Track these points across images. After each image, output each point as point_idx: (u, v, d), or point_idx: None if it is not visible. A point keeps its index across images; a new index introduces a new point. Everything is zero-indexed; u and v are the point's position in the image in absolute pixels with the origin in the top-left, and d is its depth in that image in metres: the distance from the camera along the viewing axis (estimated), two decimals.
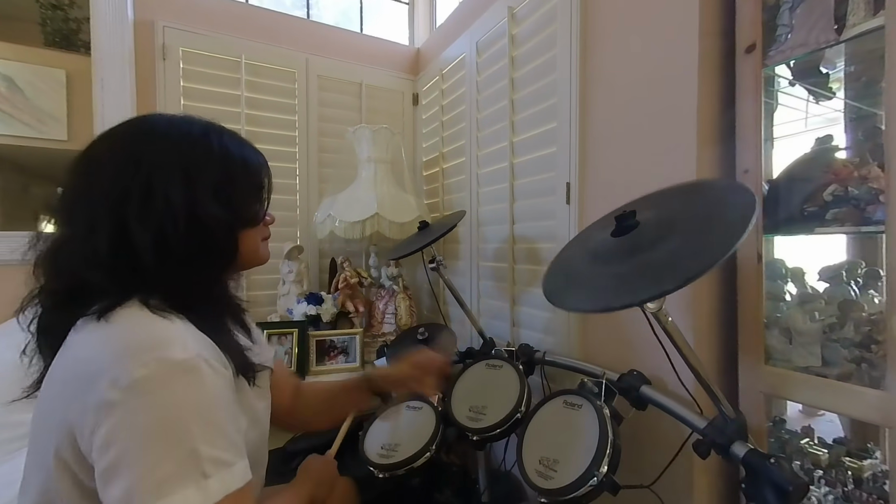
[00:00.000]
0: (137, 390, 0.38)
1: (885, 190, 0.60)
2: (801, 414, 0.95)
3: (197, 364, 0.42)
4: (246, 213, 0.56)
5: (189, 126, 0.52)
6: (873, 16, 0.62)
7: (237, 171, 0.54)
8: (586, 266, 0.56)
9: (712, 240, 0.42)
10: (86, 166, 0.50)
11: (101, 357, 0.41)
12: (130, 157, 0.48)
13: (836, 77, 0.88)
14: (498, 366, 0.95)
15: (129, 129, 0.52)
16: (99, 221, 0.46)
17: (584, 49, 1.00)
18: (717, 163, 0.79)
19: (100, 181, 0.47)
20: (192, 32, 1.48)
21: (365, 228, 1.42)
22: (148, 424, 0.38)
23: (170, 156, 0.49)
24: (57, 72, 1.40)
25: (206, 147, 0.52)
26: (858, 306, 0.74)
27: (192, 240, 0.49)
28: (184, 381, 0.41)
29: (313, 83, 1.67)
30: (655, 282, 0.44)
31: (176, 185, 0.48)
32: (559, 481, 0.65)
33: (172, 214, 0.47)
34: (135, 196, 0.46)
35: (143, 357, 0.40)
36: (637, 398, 0.76)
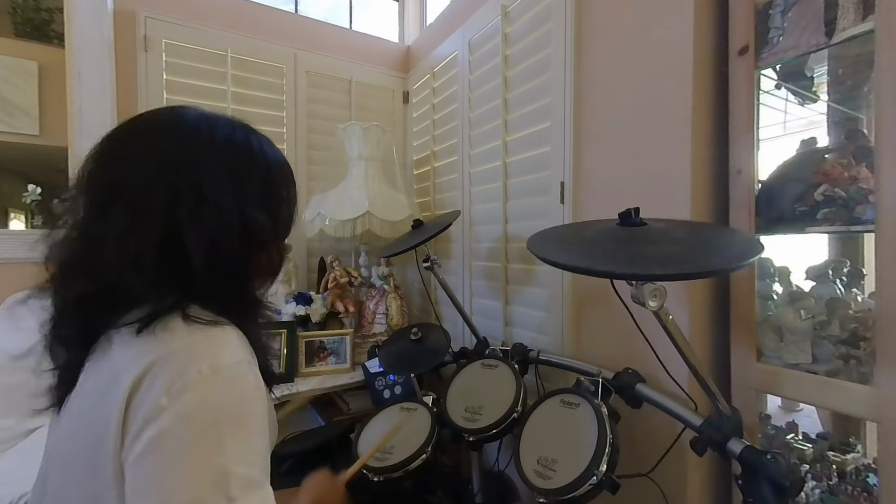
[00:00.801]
0: (187, 398, 0.37)
1: (875, 190, 0.61)
2: (780, 409, 0.97)
3: (242, 370, 0.42)
4: (286, 222, 0.55)
5: (231, 128, 0.50)
6: (862, 20, 0.64)
7: (278, 179, 0.52)
8: (582, 238, 0.56)
9: (711, 258, 0.43)
10: (120, 161, 0.45)
11: (158, 368, 0.39)
12: (175, 156, 0.45)
13: (819, 80, 0.90)
14: (493, 365, 0.94)
15: (167, 123, 0.48)
16: (143, 222, 0.42)
17: (579, 49, 1.00)
18: (711, 163, 0.80)
19: (141, 179, 0.44)
20: (176, 24, 1.43)
21: (356, 227, 1.40)
22: (186, 439, 0.37)
23: (217, 158, 0.47)
24: (28, 63, 1.34)
25: (250, 152, 0.50)
26: (844, 304, 0.75)
27: (242, 248, 0.48)
28: (228, 386, 0.40)
29: (302, 79, 1.64)
30: (644, 267, 0.44)
31: (226, 190, 0.46)
32: (558, 481, 0.64)
33: (225, 221, 0.45)
34: (186, 199, 0.43)
35: (195, 364, 0.39)
36: (633, 396, 0.77)
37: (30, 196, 1.35)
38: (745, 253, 0.45)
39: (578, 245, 0.55)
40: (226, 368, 0.40)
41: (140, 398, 0.38)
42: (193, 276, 0.43)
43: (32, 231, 1.34)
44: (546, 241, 0.61)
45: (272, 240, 0.52)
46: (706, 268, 0.40)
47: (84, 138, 1.29)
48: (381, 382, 1.26)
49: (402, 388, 1.23)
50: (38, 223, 1.39)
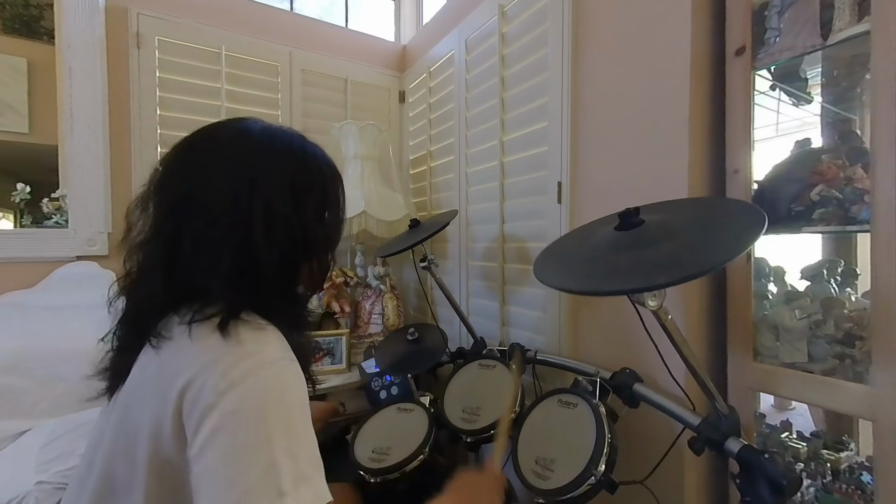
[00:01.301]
0: (234, 394, 0.39)
1: (871, 191, 0.62)
2: (773, 408, 0.98)
3: (286, 366, 0.43)
4: (340, 231, 0.58)
5: (289, 139, 0.53)
6: (858, 21, 0.64)
7: (333, 188, 0.56)
8: (581, 253, 0.56)
9: (712, 247, 0.43)
10: (196, 170, 0.48)
11: (209, 370, 0.41)
12: (244, 173, 0.47)
13: (814, 82, 0.91)
14: (491, 366, 0.94)
15: (237, 135, 0.51)
16: (218, 230, 0.45)
17: (576, 49, 1.00)
18: (708, 163, 0.80)
19: (216, 189, 0.47)
20: (169, 21, 1.41)
21: (352, 226, 1.39)
22: (235, 435, 0.38)
23: (281, 170, 0.50)
24: (17, 60, 1.32)
25: (308, 164, 0.53)
26: (839, 303, 0.76)
27: (302, 257, 0.52)
28: (274, 385, 0.41)
29: (297, 77, 1.63)
30: (648, 276, 0.44)
31: (290, 201, 0.49)
32: (556, 481, 0.64)
33: (291, 232, 0.49)
34: (258, 210, 0.46)
35: (242, 363, 0.41)
36: (630, 396, 0.77)
37: (19, 195, 1.33)
38: (747, 232, 0.44)
39: (582, 263, 0.54)
40: (268, 365, 0.41)
41: (193, 398, 0.39)
42: (258, 283, 0.46)
43: (20, 231, 1.31)
44: (549, 263, 0.60)
45: (325, 249, 0.56)
46: (709, 264, 0.40)
47: (75, 136, 1.27)
48: (378, 383, 1.25)
49: (399, 389, 1.22)
50: (28, 222, 1.37)
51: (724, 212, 0.53)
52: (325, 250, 0.56)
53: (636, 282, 0.42)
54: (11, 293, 1.19)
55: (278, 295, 0.49)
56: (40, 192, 1.33)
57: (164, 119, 1.39)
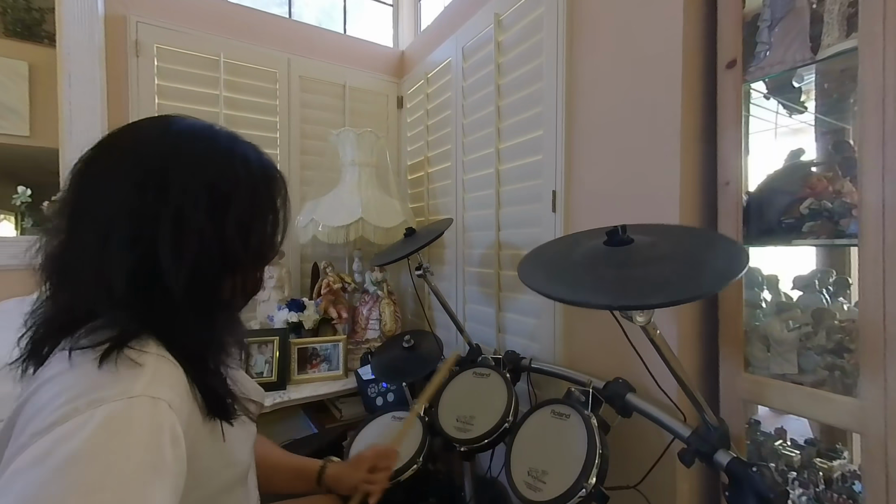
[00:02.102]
0: (47, 439, 0.31)
1: (858, 205, 0.62)
2: (771, 414, 0.98)
3: (133, 403, 0.35)
4: (271, 246, 0.50)
5: (214, 140, 0.47)
6: (846, 37, 0.65)
7: (263, 195, 0.48)
8: (569, 264, 0.56)
9: (702, 276, 0.43)
10: (89, 184, 0.42)
11: (52, 398, 0.35)
12: (152, 180, 0.41)
13: (807, 91, 0.92)
14: (485, 374, 0.94)
15: (145, 139, 0.45)
16: (114, 249, 0.40)
17: (570, 59, 1.01)
18: (700, 174, 0.81)
19: (109, 207, 0.41)
20: (168, 29, 1.42)
21: (349, 233, 1.40)
22: (17, 487, 0.30)
23: (198, 177, 0.43)
24: (18, 63, 1.32)
25: (233, 168, 0.46)
26: (830, 314, 0.77)
27: (220, 275, 0.45)
28: (104, 426, 0.33)
29: (295, 84, 1.63)
30: (641, 295, 0.44)
31: (204, 216, 0.42)
32: (548, 493, 0.65)
33: (205, 247, 0.42)
34: (163, 224, 0.40)
35: (80, 399, 0.33)
36: (623, 406, 0.77)
37: (19, 198, 1.33)
38: (731, 268, 0.45)
39: (569, 271, 0.55)
40: (109, 403, 0.34)
41: (20, 429, 0.34)
42: (163, 306, 0.40)
43: (20, 238, 1.32)
44: (536, 266, 0.60)
45: (253, 264, 0.49)
46: (697, 291, 0.41)
47: (74, 142, 1.28)
48: (374, 389, 1.26)
49: (395, 396, 1.23)
50: (28, 225, 1.37)
51: (710, 244, 0.54)
52: (252, 265, 0.49)
53: (628, 299, 0.43)
54: (10, 300, 1.20)
55: (189, 319, 0.42)
56: (42, 195, 1.34)
57: None
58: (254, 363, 1.27)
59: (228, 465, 0.49)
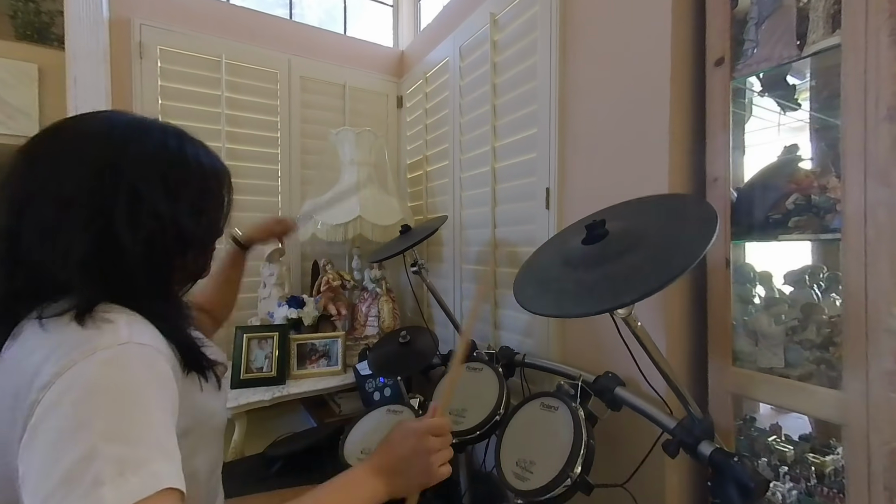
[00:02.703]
0: (57, 387, 0.35)
1: (842, 199, 0.63)
2: (772, 411, 0.99)
3: (124, 350, 0.39)
4: (217, 229, 0.56)
5: (163, 134, 0.51)
6: (832, 34, 0.66)
7: (211, 185, 0.54)
8: (556, 271, 0.58)
9: (672, 257, 0.44)
10: (49, 161, 0.45)
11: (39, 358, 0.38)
12: (107, 158, 0.45)
13: (803, 88, 0.92)
14: (478, 368, 0.96)
15: (98, 126, 0.48)
16: (72, 219, 0.43)
17: (563, 57, 1.02)
18: (688, 170, 0.82)
19: (73, 179, 0.44)
20: (171, 31, 1.45)
21: (347, 231, 1.42)
22: (56, 427, 0.34)
23: (150, 165, 0.47)
24: (28, 66, 1.35)
25: (183, 159, 0.51)
26: (820, 309, 0.77)
27: (173, 250, 0.49)
28: (102, 371, 0.37)
29: (296, 84, 1.66)
30: (615, 294, 0.46)
31: (160, 195, 0.47)
32: (535, 482, 0.66)
33: (160, 226, 0.47)
34: (120, 199, 0.44)
35: (70, 353, 0.37)
36: (612, 399, 0.78)
37: None
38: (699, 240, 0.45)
39: (554, 283, 0.56)
40: (102, 350, 0.37)
41: (24, 397, 0.37)
42: (122, 275, 0.44)
43: None
44: (529, 282, 0.62)
45: (201, 245, 0.54)
46: (669, 276, 0.41)
47: None
48: (372, 385, 1.28)
49: (392, 391, 1.24)
50: None
51: (680, 210, 0.55)
52: (200, 248, 0.54)
53: (605, 302, 0.44)
54: None
55: (146, 288, 0.46)
56: None
57: None
58: (254, 358, 1.30)
59: (207, 415, 0.53)
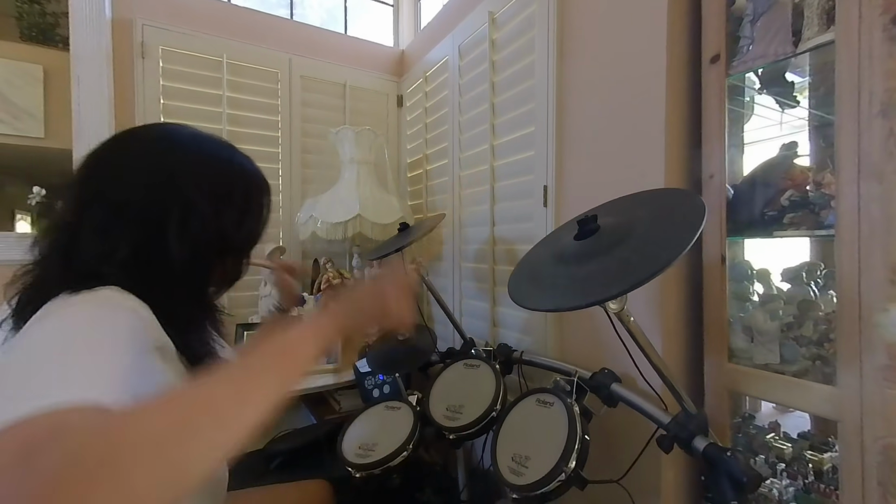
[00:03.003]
0: (41, 311, 0.37)
1: (836, 195, 0.63)
2: (773, 409, 0.99)
3: (115, 298, 0.41)
4: (256, 237, 0.59)
5: (216, 146, 0.54)
6: (826, 30, 0.66)
7: (254, 196, 0.57)
8: (549, 267, 0.58)
9: (660, 249, 0.45)
10: (112, 166, 0.49)
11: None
12: (164, 168, 0.49)
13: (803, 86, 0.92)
14: (475, 365, 0.96)
15: (160, 137, 0.52)
16: (126, 226, 0.46)
17: (560, 56, 1.02)
18: (685, 167, 0.82)
19: (131, 186, 0.47)
20: (173, 31, 1.46)
21: (347, 229, 1.43)
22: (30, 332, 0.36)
23: (203, 176, 0.51)
24: (34, 67, 1.37)
25: (231, 170, 0.54)
26: (816, 306, 0.77)
27: (214, 256, 0.52)
28: (88, 299, 0.39)
29: (296, 84, 1.67)
30: (605, 286, 0.46)
31: (209, 205, 0.50)
32: (530, 477, 0.67)
33: (206, 233, 0.50)
34: (175, 210, 0.47)
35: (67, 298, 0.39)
36: (608, 395, 0.79)
37: (35, 198, 1.38)
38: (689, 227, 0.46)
39: (547, 279, 0.56)
40: (91, 294, 0.39)
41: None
42: (164, 277, 0.46)
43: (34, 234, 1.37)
44: (523, 280, 0.63)
45: (240, 252, 0.57)
46: (655, 267, 0.42)
47: (83, 143, 1.33)
48: (371, 382, 1.29)
49: (391, 388, 1.25)
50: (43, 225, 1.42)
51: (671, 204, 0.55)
52: (239, 254, 0.58)
53: (594, 295, 0.45)
54: None
55: (183, 292, 0.49)
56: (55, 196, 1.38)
57: None
58: None
59: None
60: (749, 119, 0.96)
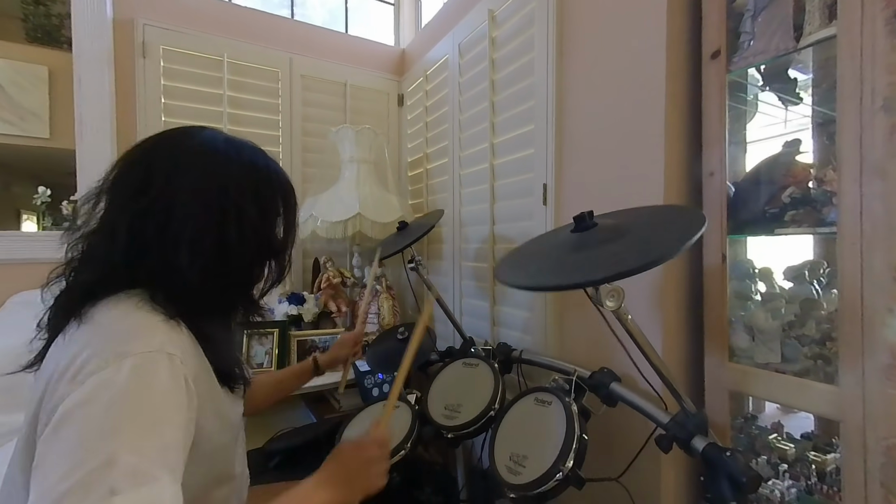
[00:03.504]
0: (88, 386, 0.37)
1: (837, 192, 0.62)
2: (777, 410, 0.98)
3: (155, 358, 0.41)
4: (294, 239, 0.61)
5: (252, 153, 0.56)
6: (828, 24, 0.65)
7: (290, 200, 0.59)
8: (538, 256, 0.58)
9: (653, 247, 0.44)
10: (156, 175, 0.49)
11: (74, 351, 0.41)
12: (215, 178, 0.50)
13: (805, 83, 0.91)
14: (474, 364, 0.96)
15: (201, 143, 0.53)
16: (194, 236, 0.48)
17: (560, 53, 1.01)
18: (685, 165, 0.81)
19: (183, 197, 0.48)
20: (174, 31, 1.47)
21: (347, 228, 1.43)
22: (79, 421, 0.36)
23: (248, 182, 0.53)
24: (39, 68, 1.38)
25: (270, 176, 0.56)
26: (818, 304, 0.76)
27: (259, 258, 0.56)
28: (134, 378, 0.39)
29: (297, 83, 1.67)
30: (589, 273, 0.46)
31: (256, 212, 0.52)
32: (527, 476, 0.66)
33: (259, 240, 0.53)
34: (231, 220, 0.50)
35: (104, 352, 0.40)
36: (607, 395, 0.78)
37: (40, 198, 1.39)
38: (684, 235, 0.46)
39: (534, 261, 0.57)
40: (134, 356, 0.40)
41: (54, 385, 0.39)
42: (224, 282, 0.50)
43: (44, 233, 1.38)
44: (508, 262, 0.64)
45: (282, 253, 0.59)
46: (645, 259, 0.42)
47: (86, 142, 1.34)
48: (371, 381, 1.28)
49: (390, 387, 1.25)
50: (48, 224, 1.43)
51: (669, 217, 0.55)
52: (283, 254, 0.60)
53: (576, 277, 0.44)
54: (25, 292, 1.26)
55: (238, 294, 0.53)
56: (60, 195, 1.39)
57: (168, 126, 1.42)
58: (254, 354, 1.31)
59: (225, 425, 0.56)
60: (753, 117, 0.95)
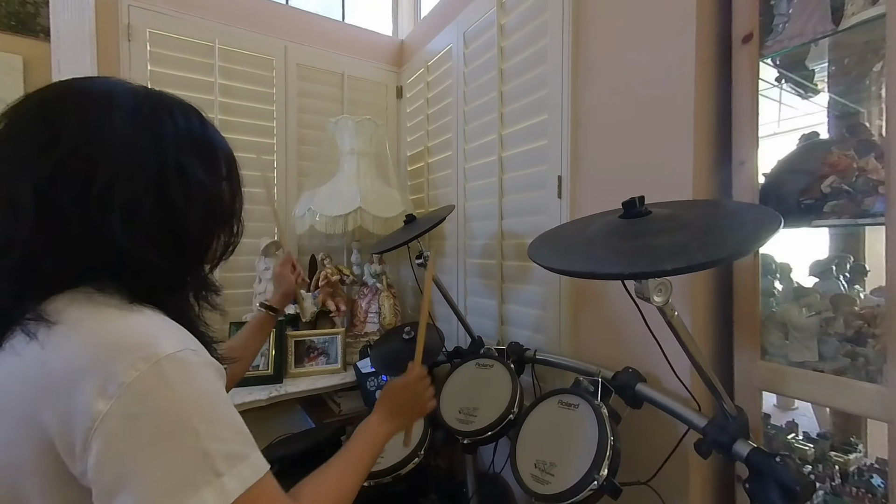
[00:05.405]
0: (130, 397, 0.34)
1: (886, 181, 0.59)
2: (776, 409, 0.95)
3: (186, 357, 0.38)
4: (241, 207, 0.54)
5: (184, 108, 0.48)
6: (872, 4, 0.61)
7: (236, 166, 0.52)
8: (581, 241, 0.53)
9: (723, 241, 0.40)
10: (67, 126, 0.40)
11: (78, 362, 0.35)
12: (145, 128, 0.43)
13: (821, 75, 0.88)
14: (488, 365, 0.91)
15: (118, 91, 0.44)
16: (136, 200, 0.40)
17: (576, 39, 0.97)
18: (714, 154, 0.78)
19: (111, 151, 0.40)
20: (161, 13, 1.38)
21: (347, 223, 1.36)
22: (149, 432, 0.34)
23: (185, 137, 0.45)
24: (13, 57, 1.31)
25: (208, 137, 0.49)
26: (849, 300, 0.73)
27: (219, 231, 0.50)
28: (178, 378, 0.37)
29: (292, 72, 1.60)
30: (654, 263, 0.41)
31: (200, 169, 0.45)
32: (557, 486, 0.61)
33: (209, 202, 0.46)
34: (172, 176, 0.43)
35: (128, 358, 0.35)
36: (633, 396, 0.74)
37: None
38: (759, 231, 0.42)
39: (581, 246, 0.52)
40: (168, 356, 0.36)
41: (71, 409, 0.34)
42: (178, 252, 0.43)
43: None
44: (545, 245, 0.58)
45: (232, 221, 0.52)
46: (720, 254, 0.37)
47: None
48: (374, 383, 1.23)
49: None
50: None
51: (735, 212, 0.50)
52: (232, 224, 0.52)
53: (639, 266, 0.39)
54: None
55: (194, 268, 0.46)
56: None
57: None
58: None
59: None
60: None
